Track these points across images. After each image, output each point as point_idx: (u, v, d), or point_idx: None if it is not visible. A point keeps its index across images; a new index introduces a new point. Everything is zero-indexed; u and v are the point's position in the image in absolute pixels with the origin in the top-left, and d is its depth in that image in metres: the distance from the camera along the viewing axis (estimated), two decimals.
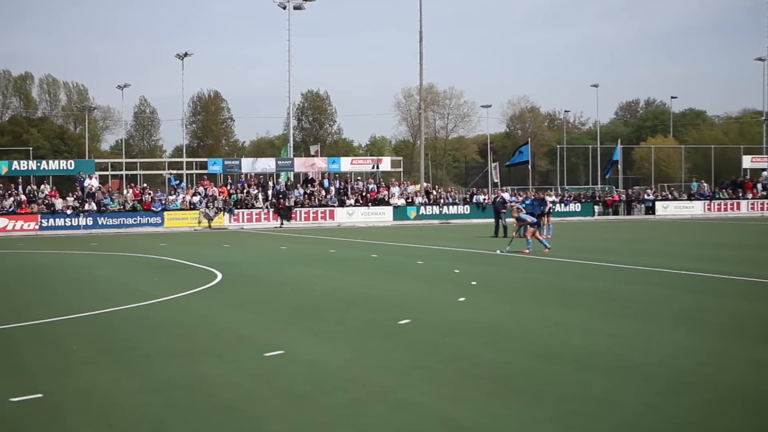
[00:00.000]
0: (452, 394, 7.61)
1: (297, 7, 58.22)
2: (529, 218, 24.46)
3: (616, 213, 57.24)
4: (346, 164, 56.08)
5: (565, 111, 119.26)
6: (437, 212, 52.36)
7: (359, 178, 55.31)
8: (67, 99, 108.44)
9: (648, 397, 7.36)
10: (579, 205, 56.85)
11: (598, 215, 56.38)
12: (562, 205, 55.23)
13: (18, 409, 7.26)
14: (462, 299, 13.95)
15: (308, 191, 51.02)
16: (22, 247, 31.04)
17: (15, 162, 49.83)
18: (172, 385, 8.03)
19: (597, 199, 59.48)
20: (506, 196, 39.44)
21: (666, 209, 57.80)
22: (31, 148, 63.43)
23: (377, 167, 55.44)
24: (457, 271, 18.97)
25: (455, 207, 53.56)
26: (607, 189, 67.96)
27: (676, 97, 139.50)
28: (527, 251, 23.61)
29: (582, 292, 14.97)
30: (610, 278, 17.36)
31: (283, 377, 8.38)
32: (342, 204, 50.46)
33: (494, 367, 8.71)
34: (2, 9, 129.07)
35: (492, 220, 35.98)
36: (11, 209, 44.33)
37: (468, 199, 56.22)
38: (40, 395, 7.68)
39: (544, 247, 23.94)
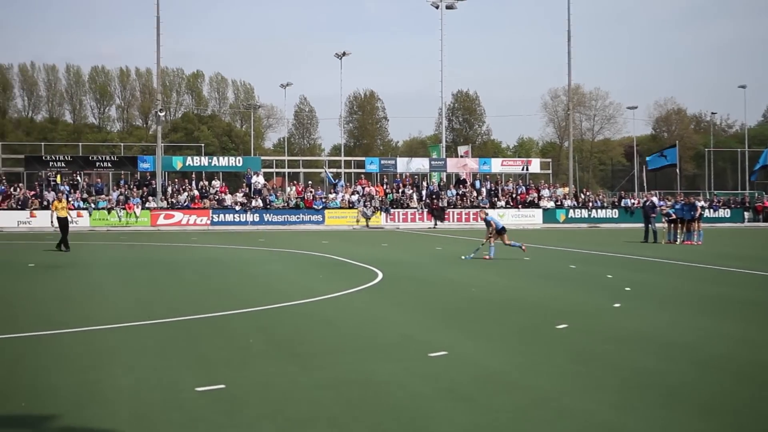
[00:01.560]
0: (617, 402, 7.62)
1: (449, 7, 58.43)
2: (495, 223, 23.95)
3: (766, 220, 54.82)
4: (496, 165, 55.98)
5: (712, 113, 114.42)
6: (585, 216, 51.76)
7: (509, 179, 55.08)
8: (235, 97, 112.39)
9: None
10: (728, 210, 55.00)
11: (748, 221, 54.16)
12: (711, 210, 53.47)
13: (203, 399, 7.76)
14: (617, 305, 13.89)
15: (460, 192, 51.16)
16: (195, 241, 32.62)
17: (189, 158, 52.16)
18: (345, 382, 8.39)
19: (747, 205, 57.13)
20: (655, 200, 38.57)
21: None
22: (202, 145, 66.16)
23: (527, 169, 55.09)
24: (610, 276, 18.85)
25: (603, 211, 52.80)
26: (757, 195, 65.12)
27: None
28: (487, 257, 23.48)
29: (740, 302, 14.62)
30: None
31: (448, 378, 8.58)
32: (493, 206, 50.41)
33: (657, 376, 8.68)
34: (177, 11, 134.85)
35: (641, 225, 35.28)
36: (185, 204, 46.48)
37: (616, 203, 55.12)
38: (222, 386, 8.17)
39: (487, 254, 23.60)
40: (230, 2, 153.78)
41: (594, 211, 52.28)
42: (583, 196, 54.45)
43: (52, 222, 27.37)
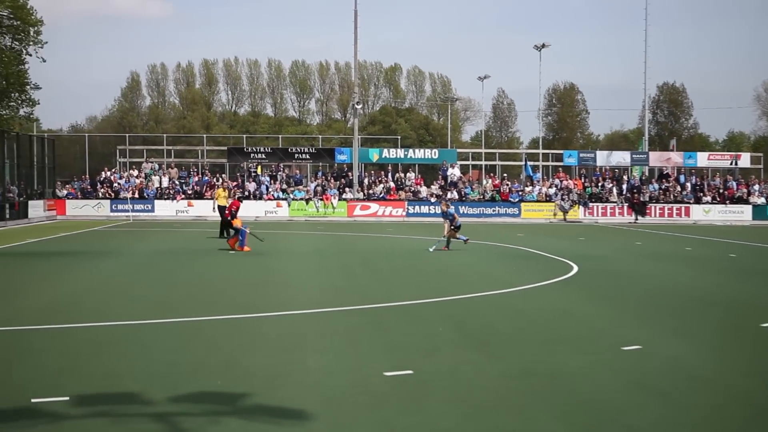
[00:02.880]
0: None
1: None
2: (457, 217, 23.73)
3: None
4: (702, 160, 53.50)
5: None
6: None
7: (716, 174, 52.62)
8: (432, 90, 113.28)
9: None
10: None
11: None
12: None
13: (391, 383, 7.89)
14: None
15: (663, 187, 49.44)
16: (391, 232, 33.15)
17: (385, 150, 53.06)
18: (533, 373, 8.31)
19: None
20: None
21: None
22: (399, 137, 67.18)
23: (735, 163, 52.41)
24: None
25: None
26: None
27: None
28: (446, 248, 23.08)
29: None
30: None
31: (641, 372, 8.38)
32: (698, 201, 48.31)
33: None
34: (376, 4, 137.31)
35: None
36: (381, 196, 47.36)
37: None
38: (410, 372, 8.28)
39: (444, 245, 23.33)
40: None
41: None
42: None
43: (213, 209, 28.61)
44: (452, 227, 23.41)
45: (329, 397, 7.39)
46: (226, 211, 24.74)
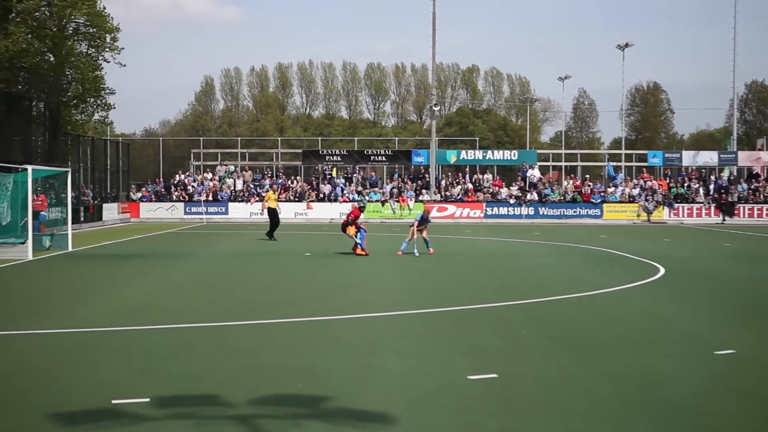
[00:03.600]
0: None
1: None
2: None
3: None
4: None
5: None
6: None
7: None
8: (510, 91, 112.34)
9: None
10: None
11: None
12: None
13: (475, 387, 7.68)
14: None
15: (753, 187, 48.06)
16: (468, 234, 32.86)
17: (462, 152, 52.70)
18: (623, 377, 8.01)
19: None
20: None
21: None
22: (477, 138, 66.74)
23: None
24: None
25: None
26: None
27: None
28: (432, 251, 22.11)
29: None
30: None
31: (735, 377, 8.06)
32: None
33: None
34: (455, 6, 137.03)
35: None
36: (459, 197, 47.07)
37: None
38: (494, 375, 8.07)
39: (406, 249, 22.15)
40: None
41: None
42: None
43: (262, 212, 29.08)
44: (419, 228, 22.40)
45: (412, 400, 7.21)
46: (344, 218, 23.62)
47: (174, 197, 47.01)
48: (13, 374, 8.26)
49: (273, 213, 28.54)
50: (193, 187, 47.68)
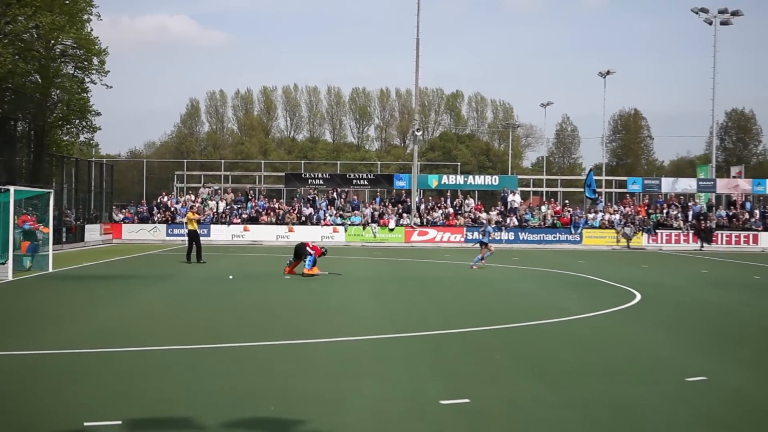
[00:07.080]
0: None
1: (724, 23, 55.44)
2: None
3: None
4: None
5: None
6: None
7: None
8: (493, 116, 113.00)
9: None
10: None
11: None
12: None
13: (447, 412, 7.73)
14: None
15: (730, 214, 48.46)
16: (448, 258, 32.90)
17: (444, 176, 52.90)
18: (594, 403, 8.08)
19: None
20: None
21: None
22: (458, 163, 67.00)
23: None
24: None
25: None
26: None
27: None
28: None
29: None
30: None
31: (706, 404, 8.13)
32: (767, 228, 47.21)
33: None
34: (438, 33, 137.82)
35: None
36: (440, 221, 47.17)
37: None
38: (467, 400, 8.11)
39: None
40: (490, 23, 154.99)
41: None
42: None
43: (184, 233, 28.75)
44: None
45: (384, 424, 7.27)
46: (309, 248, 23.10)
47: (156, 219, 46.90)
48: None
49: (193, 235, 28.02)
50: (175, 208, 47.56)
